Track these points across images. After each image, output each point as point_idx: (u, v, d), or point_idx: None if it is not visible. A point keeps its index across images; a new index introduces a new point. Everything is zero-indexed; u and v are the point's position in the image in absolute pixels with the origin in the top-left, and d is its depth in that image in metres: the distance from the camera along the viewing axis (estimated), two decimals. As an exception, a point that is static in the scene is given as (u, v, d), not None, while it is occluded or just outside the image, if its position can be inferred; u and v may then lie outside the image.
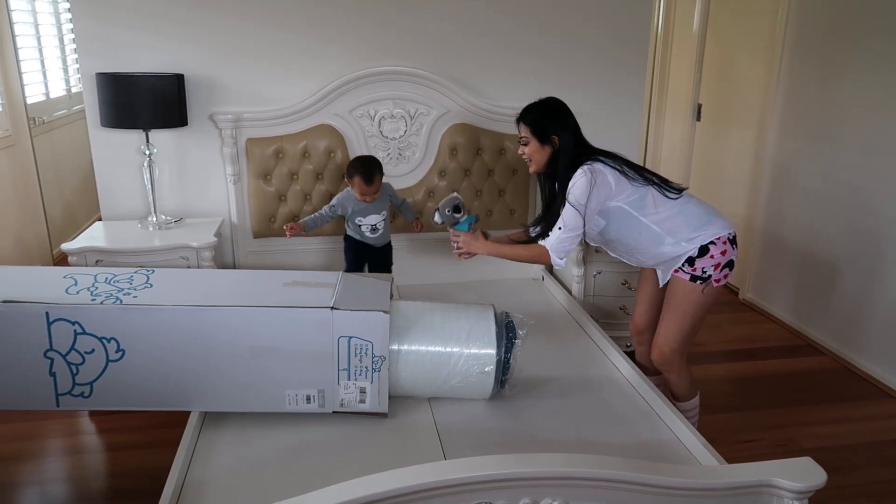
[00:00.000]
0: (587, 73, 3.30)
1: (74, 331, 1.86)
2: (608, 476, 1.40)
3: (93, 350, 1.87)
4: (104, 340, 1.87)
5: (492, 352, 2.03)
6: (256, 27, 2.97)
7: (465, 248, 2.41)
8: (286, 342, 1.92)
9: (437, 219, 2.49)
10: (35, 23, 4.30)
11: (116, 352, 1.88)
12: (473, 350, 2.03)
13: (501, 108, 3.16)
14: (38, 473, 2.45)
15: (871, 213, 3.19)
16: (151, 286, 2.01)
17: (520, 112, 2.32)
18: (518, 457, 1.43)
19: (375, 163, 2.74)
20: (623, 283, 3.03)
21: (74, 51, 4.42)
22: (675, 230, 2.19)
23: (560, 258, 2.21)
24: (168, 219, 3.02)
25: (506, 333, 2.06)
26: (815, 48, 3.51)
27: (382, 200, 2.81)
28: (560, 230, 2.18)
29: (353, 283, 2.10)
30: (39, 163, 4.20)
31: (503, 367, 2.05)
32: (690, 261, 2.19)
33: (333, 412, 2.00)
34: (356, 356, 1.94)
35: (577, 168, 2.18)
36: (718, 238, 2.18)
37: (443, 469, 1.38)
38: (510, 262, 2.48)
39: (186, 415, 1.99)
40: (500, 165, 3.22)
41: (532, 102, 2.32)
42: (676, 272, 2.23)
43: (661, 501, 1.44)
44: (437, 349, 2.03)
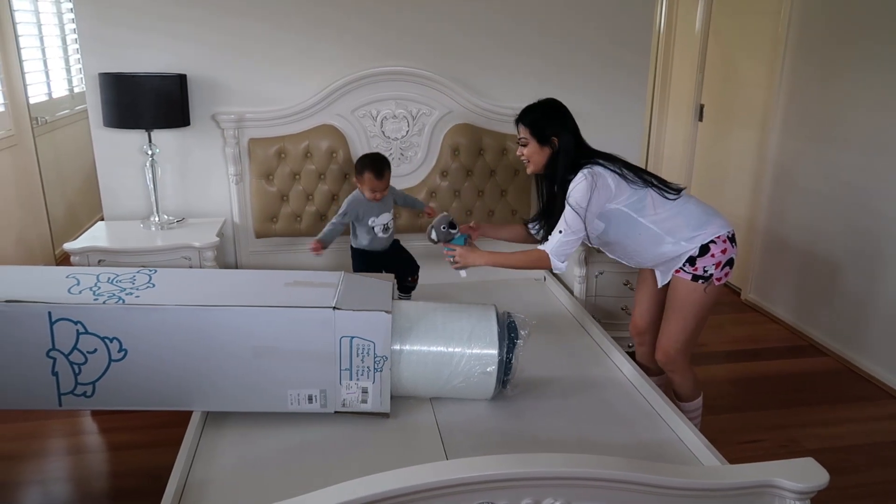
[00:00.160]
0: (589, 74, 3.30)
1: (77, 330, 1.86)
2: (610, 476, 1.40)
3: (95, 350, 1.88)
4: (106, 340, 1.87)
5: (494, 352, 2.03)
6: (259, 27, 2.98)
7: (462, 261, 2.39)
8: (288, 342, 1.92)
9: (434, 236, 2.47)
10: (38, 23, 4.30)
11: (119, 351, 1.88)
12: (475, 350, 2.03)
13: (503, 109, 3.16)
14: (41, 473, 2.46)
15: (874, 214, 3.19)
16: (154, 286, 2.01)
17: (519, 113, 2.31)
18: (519, 457, 1.43)
19: (384, 158, 2.74)
20: (625, 284, 3.02)
21: (77, 51, 4.43)
22: (675, 230, 2.19)
23: (560, 262, 2.20)
24: (170, 219, 3.02)
25: (508, 334, 2.06)
26: (818, 48, 3.50)
27: (389, 199, 2.81)
28: (560, 233, 2.17)
29: (355, 284, 2.10)
30: (42, 163, 4.21)
31: (505, 368, 2.05)
32: (692, 260, 2.19)
33: (335, 412, 2.00)
34: (358, 356, 1.94)
35: (577, 170, 2.17)
36: (718, 237, 2.18)
37: (444, 469, 1.38)
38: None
39: (188, 414, 2.00)
40: (503, 166, 3.22)
41: (531, 103, 2.31)
42: (678, 272, 2.23)
43: (663, 502, 1.44)
44: (439, 349, 2.03)
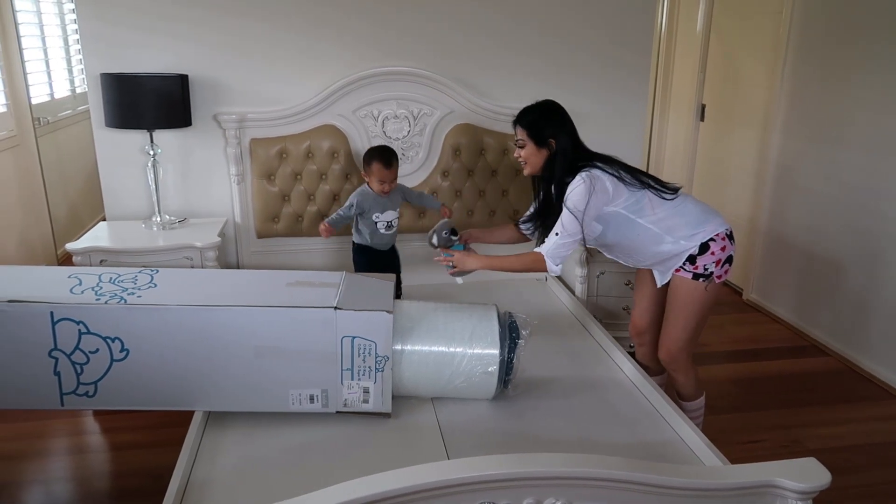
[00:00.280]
0: (590, 74, 3.30)
1: (79, 330, 1.86)
2: (611, 476, 1.40)
3: (97, 350, 1.88)
4: (108, 340, 1.88)
5: (495, 352, 2.03)
6: (260, 28, 2.98)
7: (460, 266, 2.38)
8: (290, 342, 1.92)
9: (435, 241, 2.47)
10: (40, 23, 4.31)
11: (121, 351, 1.89)
12: (477, 350, 2.03)
13: (505, 109, 3.15)
14: (43, 473, 2.46)
15: (875, 214, 3.18)
16: (155, 286, 2.02)
17: (517, 114, 2.30)
18: (520, 456, 1.43)
19: (392, 149, 2.73)
20: (626, 284, 3.02)
21: (79, 51, 4.45)
22: (674, 229, 2.19)
23: (556, 264, 2.19)
24: (172, 219, 3.03)
25: (509, 334, 2.06)
26: (819, 49, 3.50)
27: (397, 196, 2.78)
28: (557, 236, 2.16)
29: (357, 283, 2.10)
30: (44, 163, 4.21)
31: (506, 368, 2.05)
32: (692, 259, 2.19)
33: (337, 412, 2.00)
34: (360, 356, 1.94)
35: (575, 173, 2.16)
36: (718, 234, 2.18)
37: (445, 469, 1.38)
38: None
39: (190, 414, 2.00)
40: (504, 166, 3.22)
41: (529, 105, 2.30)
42: (678, 271, 2.23)
43: (665, 501, 1.44)
44: (441, 349, 2.03)
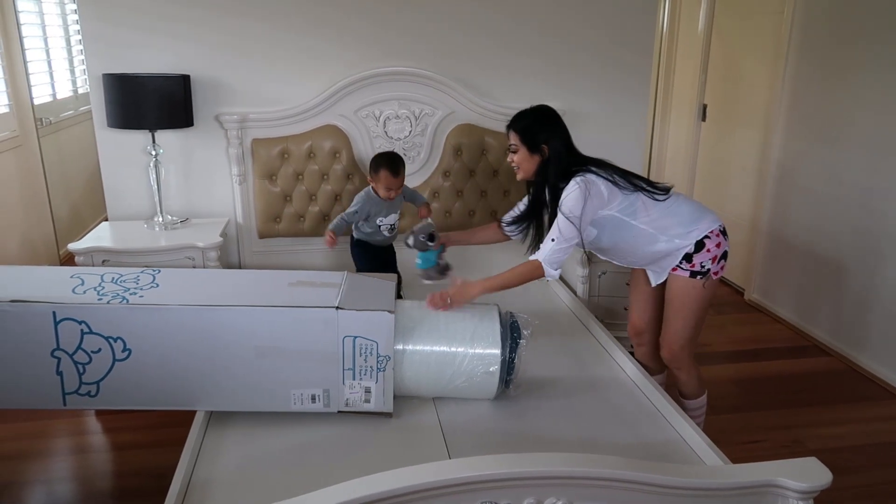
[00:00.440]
0: (592, 74, 3.30)
1: (81, 330, 1.86)
2: (612, 476, 1.40)
3: (99, 349, 1.88)
4: (111, 340, 1.88)
5: (496, 352, 2.03)
6: (262, 28, 2.99)
7: (457, 301, 2.13)
8: (291, 342, 1.93)
9: (410, 241, 2.47)
10: (42, 24, 4.32)
11: (123, 351, 1.89)
12: (478, 350, 2.03)
13: (507, 109, 3.15)
14: (45, 472, 2.47)
15: (877, 214, 3.18)
16: (157, 286, 2.02)
17: (510, 119, 2.29)
18: (521, 456, 1.43)
19: (400, 157, 2.74)
20: (627, 284, 3.01)
21: (81, 52, 4.46)
22: (668, 228, 2.20)
23: (553, 269, 2.17)
24: (174, 219, 3.03)
25: (510, 333, 2.06)
26: (821, 49, 3.50)
27: (399, 199, 2.80)
28: (553, 241, 2.15)
29: (358, 283, 2.11)
30: (46, 163, 4.22)
31: (508, 368, 2.05)
32: (688, 257, 2.20)
33: (338, 412, 2.00)
34: (361, 356, 1.94)
35: (569, 178, 2.16)
36: (712, 231, 2.20)
37: (446, 469, 1.38)
38: (514, 262, 2.46)
39: (192, 414, 2.00)
40: (505, 166, 3.22)
41: (522, 109, 2.29)
42: (675, 270, 2.24)
43: (666, 501, 1.44)
44: (442, 349, 2.03)
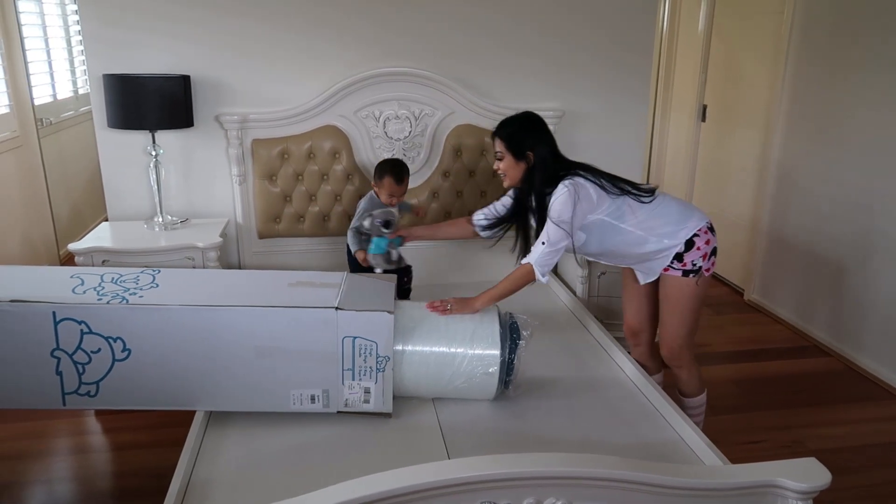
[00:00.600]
0: (592, 75, 3.30)
1: (81, 330, 1.87)
2: (612, 476, 1.40)
3: (99, 349, 1.88)
4: (110, 340, 1.88)
5: (496, 353, 2.03)
6: (262, 28, 2.99)
7: (459, 312, 2.14)
8: (291, 342, 1.93)
9: (367, 223, 2.52)
10: (43, 24, 4.32)
11: (122, 351, 1.89)
12: (477, 351, 2.03)
13: (507, 109, 3.14)
14: (45, 472, 2.47)
15: (877, 214, 3.18)
16: (157, 286, 2.02)
17: (495, 127, 2.28)
18: (520, 456, 1.43)
19: (404, 164, 2.75)
20: (627, 284, 3.02)
21: (82, 52, 4.46)
22: (656, 228, 2.21)
23: (543, 274, 2.17)
24: (174, 219, 3.03)
25: (510, 334, 2.06)
26: (821, 49, 3.50)
27: (398, 207, 2.80)
28: (544, 245, 2.16)
29: (358, 284, 2.11)
30: (46, 163, 4.22)
31: (507, 368, 2.05)
32: (679, 257, 2.21)
33: (338, 412, 2.01)
34: (360, 356, 1.95)
35: (555, 183, 2.16)
36: (700, 229, 2.21)
37: (445, 469, 1.39)
38: (514, 263, 2.46)
39: (191, 414, 2.00)
40: (505, 166, 3.22)
41: (508, 116, 2.29)
42: (667, 270, 2.25)
43: (665, 501, 1.44)
44: (442, 350, 2.03)
